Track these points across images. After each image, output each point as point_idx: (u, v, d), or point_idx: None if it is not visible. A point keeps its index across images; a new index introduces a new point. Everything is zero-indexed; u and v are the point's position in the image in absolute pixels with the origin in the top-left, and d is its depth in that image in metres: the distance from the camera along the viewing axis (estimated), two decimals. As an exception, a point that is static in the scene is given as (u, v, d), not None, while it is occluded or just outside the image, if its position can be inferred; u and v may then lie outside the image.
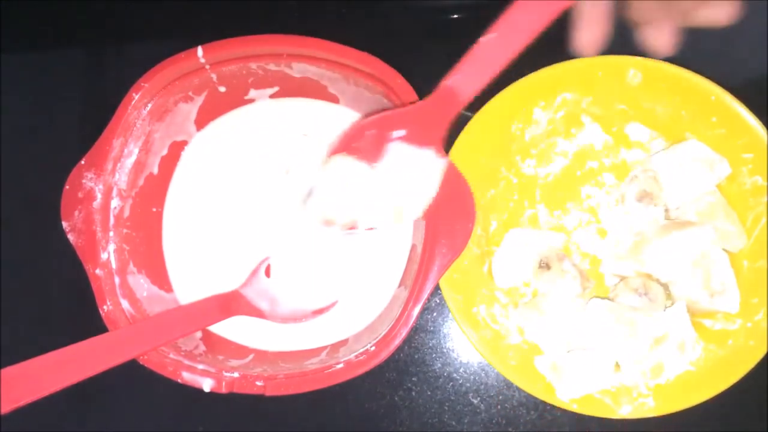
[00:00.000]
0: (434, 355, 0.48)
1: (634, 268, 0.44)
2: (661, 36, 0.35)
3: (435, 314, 0.48)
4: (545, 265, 0.44)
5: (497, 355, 0.42)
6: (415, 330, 0.48)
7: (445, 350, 0.48)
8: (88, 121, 0.52)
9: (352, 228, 0.41)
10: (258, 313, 0.45)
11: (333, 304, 0.46)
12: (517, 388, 0.46)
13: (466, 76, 0.38)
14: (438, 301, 0.49)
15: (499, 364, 0.42)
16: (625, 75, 0.44)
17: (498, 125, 0.45)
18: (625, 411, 0.41)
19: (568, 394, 0.41)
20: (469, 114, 0.44)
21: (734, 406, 0.44)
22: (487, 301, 0.44)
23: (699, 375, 0.42)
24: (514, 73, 0.44)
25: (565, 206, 0.47)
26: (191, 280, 0.47)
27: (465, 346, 0.48)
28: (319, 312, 0.45)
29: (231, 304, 0.44)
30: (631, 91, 0.44)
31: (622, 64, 0.44)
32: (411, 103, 0.40)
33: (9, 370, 0.33)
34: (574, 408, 0.41)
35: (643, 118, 0.46)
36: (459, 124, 0.44)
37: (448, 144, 0.44)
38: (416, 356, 0.48)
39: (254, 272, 0.46)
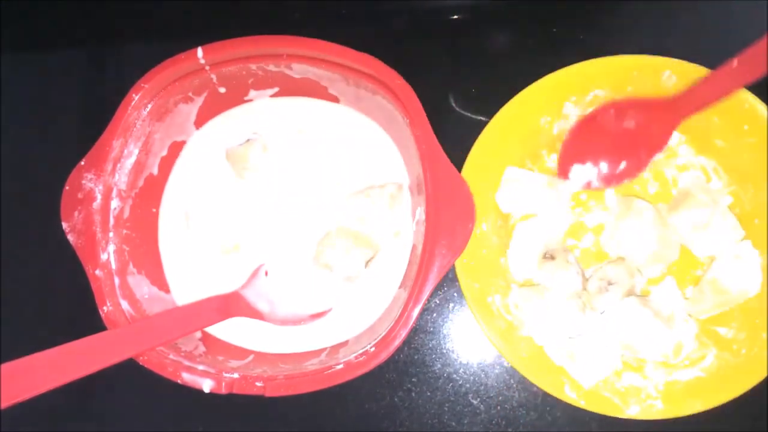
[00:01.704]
0: (434, 356, 0.48)
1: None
2: None
3: (435, 315, 0.48)
4: (550, 256, 0.44)
5: (510, 345, 0.42)
6: (415, 331, 0.48)
7: (444, 351, 0.48)
8: (88, 122, 0.52)
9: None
10: (257, 314, 0.45)
11: (329, 310, 0.46)
12: (517, 389, 0.46)
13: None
14: (438, 301, 0.49)
15: (511, 355, 0.42)
16: (660, 76, 0.44)
17: (528, 116, 0.45)
18: (633, 411, 0.41)
19: (587, 379, 0.41)
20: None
21: (736, 407, 0.43)
22: (503, 291, 0.44)
23: (709, 381, 0.42)
24: (547, 66, 0.44)
25: (587, 204, 0.46)
26: (188, 281, 0.47)
27: (465, 347, 0.48)
28: (317, 316, 0.45)
29: (231, 305, 0.44)
30: (665, 93, 0.44)
31: (658, 65, 0.43)
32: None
33: (8, 366, 0.33)
34: (582, 404, 0.41)
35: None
36: (489, 113, 0.44)
37: (476, 133, 0.44)
38: (416, 357, 0.48)
39: (254, 273, 0.46)
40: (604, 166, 0.45)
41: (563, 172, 0.45)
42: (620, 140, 0.45)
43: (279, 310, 0.45)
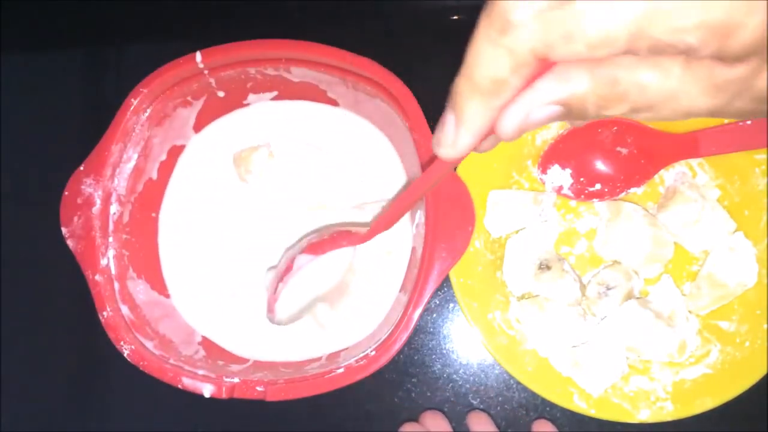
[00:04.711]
0: (434, 357, 0.48)
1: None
2: None
3: (435, 315, 0.48)
4: (545, 267, 0.44)
5: (515, 360, 0.42)
6: (415, 331, 0.48)
7: (444, 351, 0.48)
8: (87, 126, 0.52)
9: None
10: None
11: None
12: (517, 390, 0.47)
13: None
14: (438, 302, 0.49)
15: (517, 370, 0.42)
16: None
17: None
18: (643, 415, 0.41)
19: (595, 387, 0.41)
20: None
21: (736, 408, 0.44)
22: (502, 307, 0.44)
23: (715, 377, 0.42)
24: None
25: (577, 209, 0.46)
26: (187, 285, 0.47)
27: (465, 348, 0.48)
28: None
29: None
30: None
31: None
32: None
33: None
34: (593, 413, 0.41)
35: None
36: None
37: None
38: (416, 357, 0.48)
39: None
40: (579, 179, 0.45)
41: (543, 165, 0.45)
42: (605, 161, 0.45)
43: None
